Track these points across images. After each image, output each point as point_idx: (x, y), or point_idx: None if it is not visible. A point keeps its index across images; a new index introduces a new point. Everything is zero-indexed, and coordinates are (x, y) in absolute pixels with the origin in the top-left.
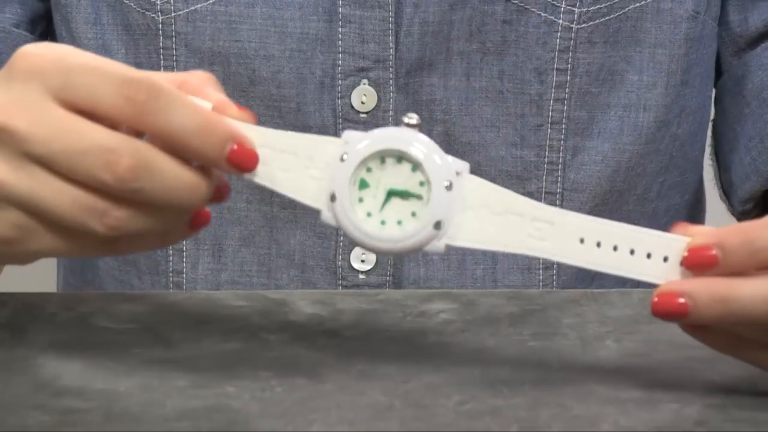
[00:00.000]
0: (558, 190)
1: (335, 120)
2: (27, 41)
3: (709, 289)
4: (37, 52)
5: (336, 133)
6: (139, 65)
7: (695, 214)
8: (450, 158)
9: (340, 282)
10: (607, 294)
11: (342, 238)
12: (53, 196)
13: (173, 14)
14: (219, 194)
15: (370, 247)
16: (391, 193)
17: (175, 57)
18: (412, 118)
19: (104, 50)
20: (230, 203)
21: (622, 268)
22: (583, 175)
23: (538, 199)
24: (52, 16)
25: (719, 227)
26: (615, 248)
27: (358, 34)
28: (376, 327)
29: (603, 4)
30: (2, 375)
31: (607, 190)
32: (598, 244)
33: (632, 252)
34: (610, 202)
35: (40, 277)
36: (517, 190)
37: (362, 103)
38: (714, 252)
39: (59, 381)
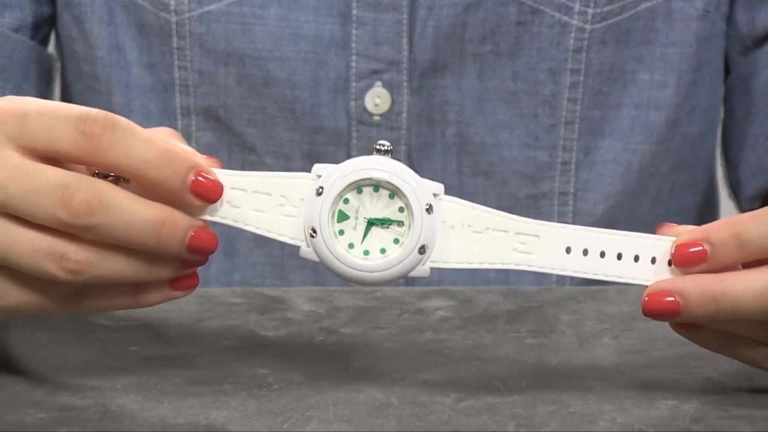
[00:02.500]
0: (571, 190)
1: (348, 122)
2: (25, 46)
3: (699, 286)
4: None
5: (349, 136)
6: (152, 65)
7: (707, 214)
8: (425, 181)
9: (352, 283)
10: (604, 291)
11: None
12: (11, 242)
13: (187, 15)
14: (198, 246)
15: (354, 278)
16: (372, 223)
17: (189, 57)
18: (384, 144)
19: (117, 50)
20: None
21: (611, 274)
22: (596, 175)
23: (551, 200)
24: (58, 17)
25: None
26: (602, 254)
27: (372, 36)
28: (374, 324)
29: (616, 5)
30: (0, 372)
31: (620, 191)
32: (585, 252)
33: (619, 256)
34: (625, 204)
35: None
36: (530, 191)
37: (376, 105)
38: (702, 247)
39: (56, 378)
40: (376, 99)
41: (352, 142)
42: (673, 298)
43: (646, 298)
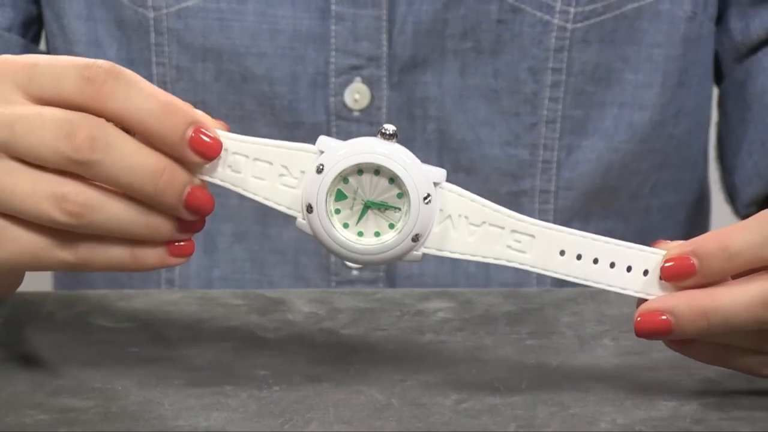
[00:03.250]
0: (552, 189)
1: (328, 117)
2: (18, 45)
3: (689, 303)
4: (11, 57)
5: (329, 131)
6: (131, 61)
7: (695, 214)
8: (427, 168)
9: (333, 278)
10: (605, 293)
11: None
12: (13, 183)
13: (165, 11)
14: (195, 203)
15: (347, 257)
16: (369, 206)
17: (167, 53)
18: (388, 128)
19: (96, 46)
20: (222, 199)
21: (602, 281)
22: (578, 174)
23: (532, 198)
24: (42, 14)
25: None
26: (595, 261)
27: (351, 31)
28: (374, 326)
29: (598, 4)
30: (0, 373)
31: (599, 186)
32: (579, 257)
33: (612, 265)
34: (602, 198)
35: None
36: (510, 188)
37: (355, 100)
38: (691, 260)
39: (57, 380)
40: (356, 94)
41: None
42: (664, 317)
43: (638, 319)
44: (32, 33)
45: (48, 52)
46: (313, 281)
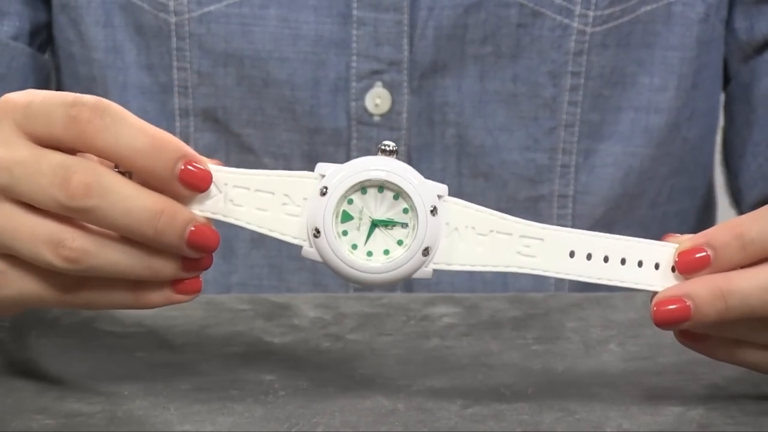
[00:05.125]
0: (570, 193)
1: (348, 122)
2: (24, 54)
3: (707, 286)
4: (12, 95)
5: (349, 136)
6: (150, 66)
7: (704, 218)
8: (429, 182)
9: (352, 284)
10: (611, 298)
11: None
12: (13, 227)
13: (187, 15)
14: (198, 241)
15: (358, 280)
16: (376, 224)
17: (188, 58)
18: (389, 145)
19: (115, 51)
20: None
21: (615, 278)
22: (595, 178)
23: (551, 203)
24: (54, 20)
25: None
26: (606, 259)
27: (372, 36)
28: (380, 331)
29: (617, 8)
30: (6, 379)
31: (619, 194)
32: (589, 256)
33: (623, 261)
34: (623, 206)
35: None
36: (529, 193)
37: (376, 105)
38: (706, 251)
39: (63, 385)
40: (377, 99)
41: (352, 142)
42: (682, 303)
43: (655, 308)
44: (39, 41)
45: (58, 58)
46: (331, 288)
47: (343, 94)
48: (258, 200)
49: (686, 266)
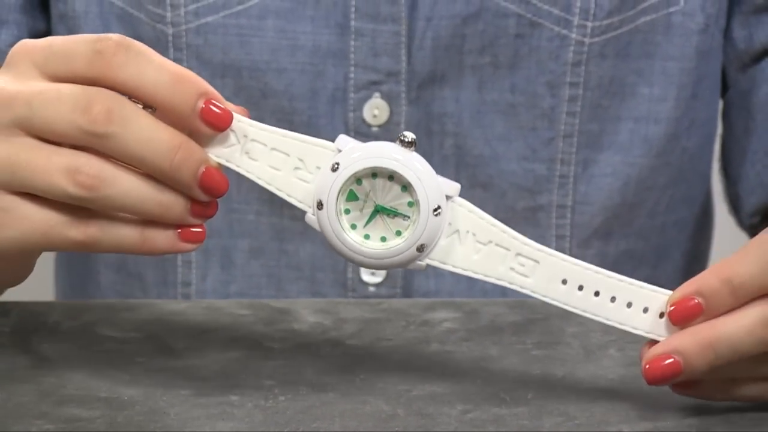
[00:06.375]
0: (569, 203)
1: (347, 133)
2: None
3: (693, 338)
4: (29, 40)
5: None
6: None
7: (703, 227)
8: (441, 180)
9: (350, 294)
10: None
11: None
12: (28, 159)
13: (184, 27)
14: (210, 182)
15: (350, 259)
16: (379, 210)
17: None
18: (407, 136)
19: None
20: (240, 215)
21: (601, 315)
22: (594, 188)
23: (549, 213)
24: (53, 30)
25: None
26: (596, 294)
27: (370, 47)
28: (379, 336)
29: (615, 18)
30: (6, 384)
31: (617, 204)
32: (580, 288)
33: (613, 300)
34: (622, 216)
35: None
36: (527, 204)
37: (374, 116)
38: (696, 300)
39: (63, 390)
40: (375, 110)
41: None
42: (672, 359)
43: (647, 367)
44: None
45: None
46: (329, 297)
47: (341, 104)
48: (273, 159)
49: (679, 317)
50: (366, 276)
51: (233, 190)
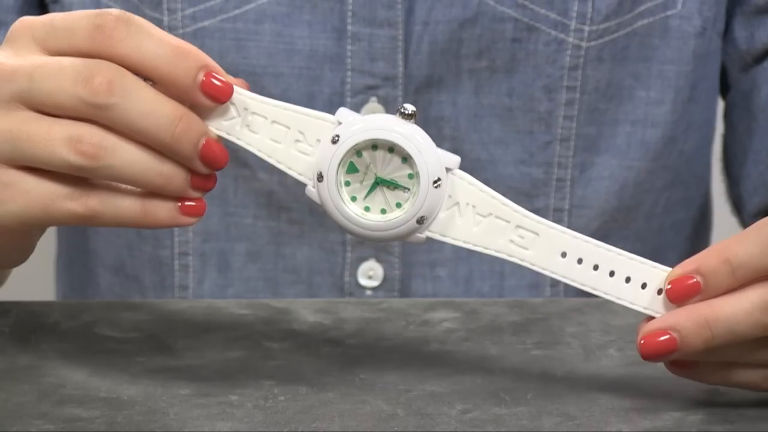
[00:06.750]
0: (566, 207)
1: None
2: None
3: (691, 316)
4: (29, 17)
5: None
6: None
7: (701, 229)
8: (441, 152)
9: (347, 298)
10: (610, 303)
11: (349, 254)
12: (28, 131)
13: (181, 31)
14: (210, 155)
15: (351, 230)
16: (379, 182)
17: None
18: (408, 108)
19: None
20: (237, 219)
21: (600, 288)
22: (591, 191)
23: (546, 216)
24: None
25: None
26: (595, 267)
27: (367, 51)
28: (379, 336)
29: (612, 22)
30: (6, 383)
31: (615, 207)
32: (579, 261)
33: (612, 274)
34: (619, 219)
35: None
36: (524, 207)
37: None
38: (695, 279)
39: (63, 389)
40: (371, 114)
41: None
42: (668, 335)
43: (642, 341)
44: None
45: None
46: None
47: (337, 109)
48: (273, 131)
49: (677, 295)
50: (363, 280)
51: (230, 194)
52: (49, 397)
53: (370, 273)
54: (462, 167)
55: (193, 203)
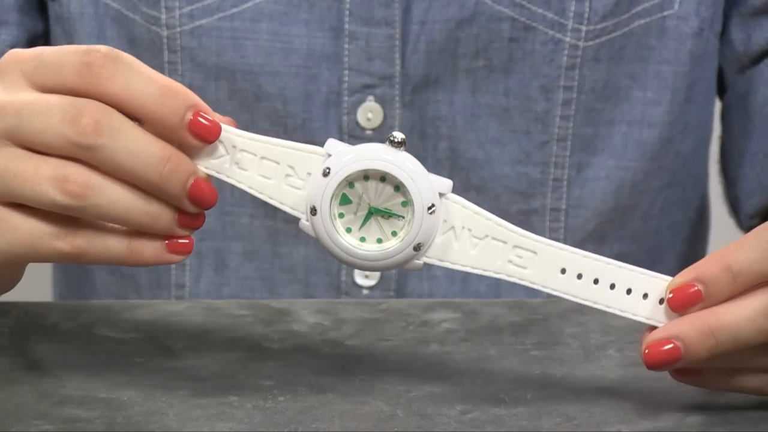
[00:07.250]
0: (563, 207)
1: (341, 136)
2: None
3: (694, 325)
4: (19, 50)
5: None
6: None
7: (698, 230)
8: (433, 177)
9: (344, 297)
10: None
11: None
12: (16, 169)
13: (178, 29)
14: (199, 194)
15: (347, 262)
16: (373, 212)
17: (180, 72)
18: (397, 136)
19: None
20: (233, 218)
21: (601, 302)
22: (588, 192)
23: (543, 216)
24: (51, 31)
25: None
26: (596, 281)
27: (364, 51)
28: (379, 336)
29: (609, 22)
30: (5, 384)
31: (611, 207)
32: (579, 276)
33: (612, 287)
34: (615, 219)
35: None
36: (521, 207)
37: (368, 119)
38: (696, 287)
39: (62, 390)
40: (368, 113)
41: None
42: (672, 344)
43: (647, 351)
44: None
45: None
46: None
47: (334, 108)
48: (263, 168)
49: (678, 303)
50: (360, 279)
51: (227, 193)
52: (48, 398)
53: (366, 272)
54: (459, 167)
55: (181, 241)
